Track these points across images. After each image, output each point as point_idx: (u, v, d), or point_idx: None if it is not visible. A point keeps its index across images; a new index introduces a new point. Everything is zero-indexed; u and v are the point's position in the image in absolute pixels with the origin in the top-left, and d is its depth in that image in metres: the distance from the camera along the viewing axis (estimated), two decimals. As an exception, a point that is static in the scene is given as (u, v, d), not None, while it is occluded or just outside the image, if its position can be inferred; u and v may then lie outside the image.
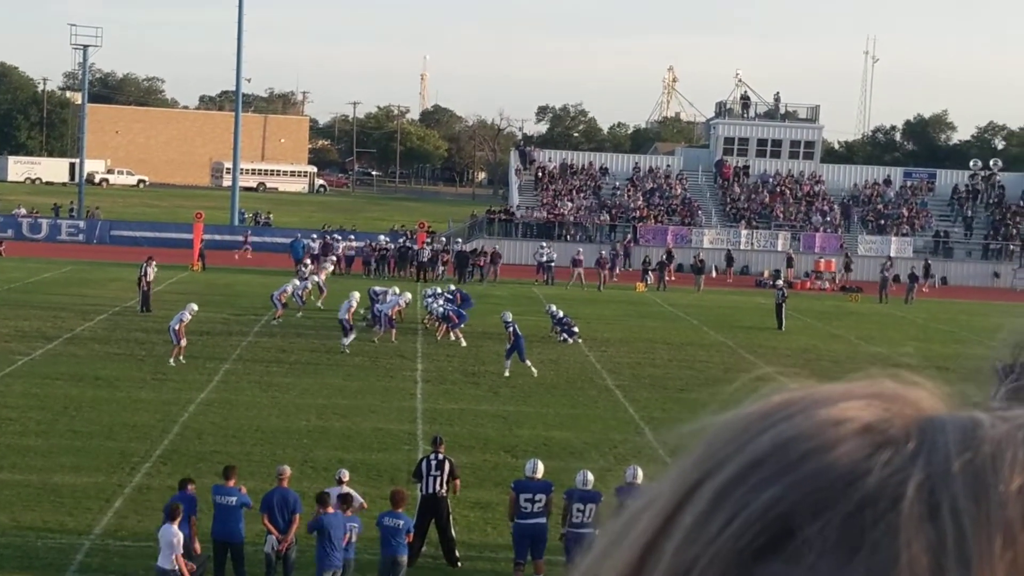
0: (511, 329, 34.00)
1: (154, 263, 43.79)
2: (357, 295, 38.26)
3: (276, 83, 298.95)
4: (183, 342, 32.78)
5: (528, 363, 33.42)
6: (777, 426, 0.83)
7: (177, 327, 32.73)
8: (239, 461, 22.62)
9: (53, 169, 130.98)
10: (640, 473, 18.36)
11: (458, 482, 19.01)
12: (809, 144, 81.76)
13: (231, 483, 17.41)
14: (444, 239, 66.01)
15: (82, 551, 18.21)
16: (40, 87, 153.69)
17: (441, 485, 18.51)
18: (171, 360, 32.47)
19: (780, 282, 48.84)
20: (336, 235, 64.96)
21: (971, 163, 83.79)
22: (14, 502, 20.19)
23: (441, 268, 60.45)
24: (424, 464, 18.82)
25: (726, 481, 0.81)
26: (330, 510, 16.76)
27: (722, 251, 70.01)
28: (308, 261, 54.35)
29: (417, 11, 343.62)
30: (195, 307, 34.98)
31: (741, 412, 0.89)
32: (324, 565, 16.41)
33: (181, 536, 15.93)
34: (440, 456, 18.89)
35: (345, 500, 17.01)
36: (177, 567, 15.79)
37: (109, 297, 45.39)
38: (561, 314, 40.26)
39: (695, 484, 0.82)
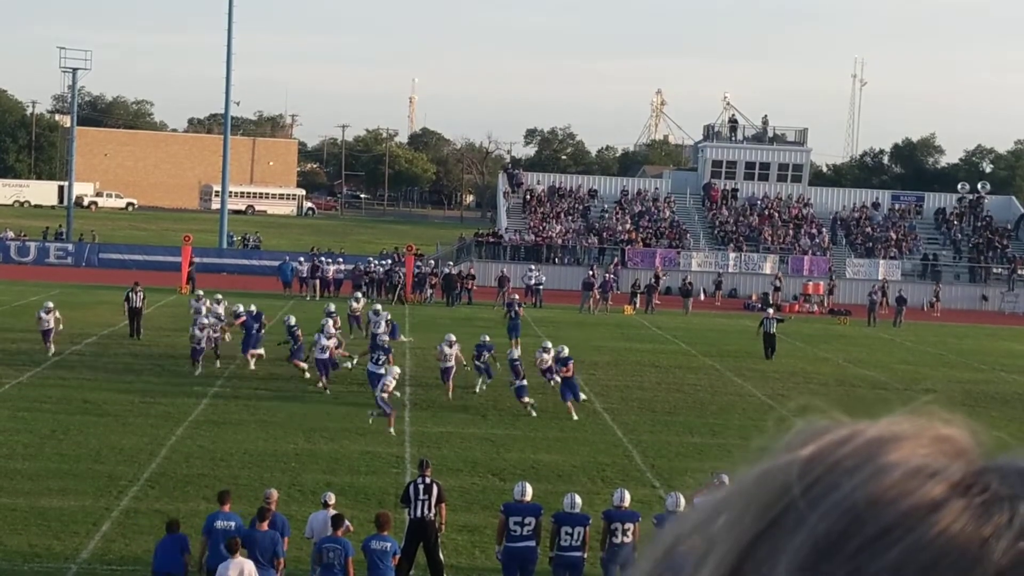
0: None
1: (140, 289, 42.77)
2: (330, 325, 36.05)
3: (265, 106, 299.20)
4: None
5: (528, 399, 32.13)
6: (848, 476, 0.80)
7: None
8: (227, 484, 22.58)
9: (41, 192, 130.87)
10: (627, 496, 18.38)
11: (443, 506, 18.96)
12: (797, 167, 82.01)
13: (226, 508, 17.29)
14: (432, 262, 66.08)
15: (70, 575, 18.15)
16: (29, 110, 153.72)
17: (429, 509, 18.48)
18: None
19: (771, 310, 47.91)
20: (325, 258, 64.96)
21: (959, 186, 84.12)
22: (0, 526, 20.13)
23: (429, 291, 60.49)
24: (412, 488, 18.77)
25: (820, 539, 0.76)
26: (264, 527, 16.75)
27: (711, 274, 70.13)
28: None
29: (406, 35, 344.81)
30: (50, 304, 37.73)
31: (788, 453, 0.85)
32: None
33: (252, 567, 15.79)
34: (428, 480, 18.85)
35: (337, 522, 16.96)
36: None
37: (97, 321, 45.32)
38: (487, 349, 35.49)
39: (754, 539, 0.79)
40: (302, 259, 63.67)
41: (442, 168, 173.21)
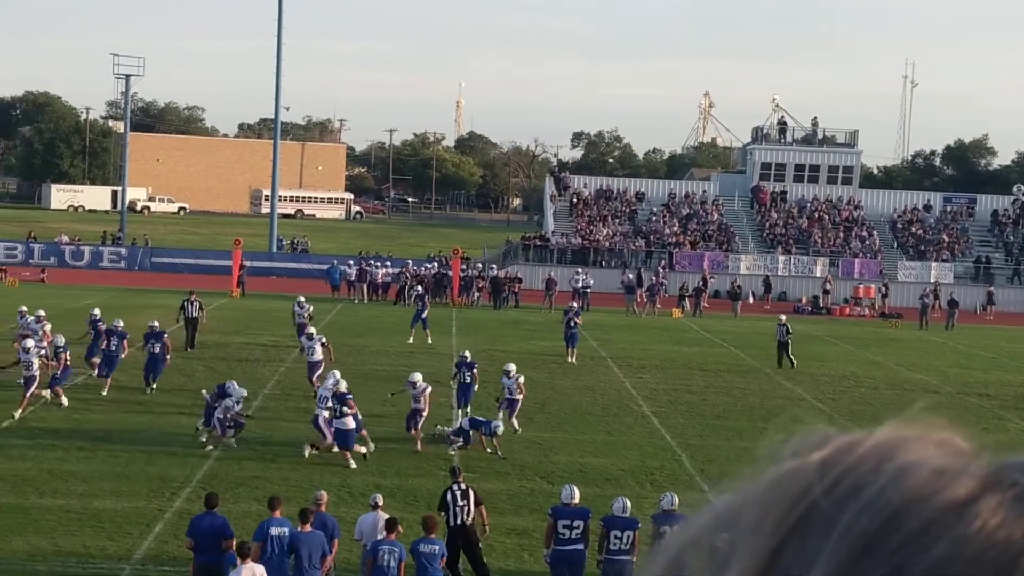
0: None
1: (196, 299, 41.45)
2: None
3: (314, 111, 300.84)
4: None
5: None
6: (873, 476, 0.81)
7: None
8: (277, 486, 22.80)
9: (96, 197, 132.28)
10: (676, 500, 18.38)
11: (483, 508, 19.13)
12: (847, 169, 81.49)
13: (277, 514, 17.39)
14: (479, 265, 66.25)
15: (123, 576, 18.38)
16: (83, 116, 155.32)
17: (468, 514, 18.59)
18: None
19: (783, 316, 45.69)
20: (373, 261, 65.27)
21: (1015, 188, 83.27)
22: (56, 527, 20.41)
23: (476, 294, 60.64)
24: (449, 495, 18.88)
25: (857, 538, 0.78)
26: (307, 528, 16.86)
27: (759, 277, 69.82)
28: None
29: (452, 39, 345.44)
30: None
31: (797, 459, 0.86)
32: None
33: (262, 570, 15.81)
34: (463, 486, 18.97)
35: (391, 525, 17.04)
36: None
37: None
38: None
39: (779, 543, 0.80)
40: (351, 263, 64.01)
41: (489, 172, 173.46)
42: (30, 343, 29.58)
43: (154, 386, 32.41)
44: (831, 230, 76.59)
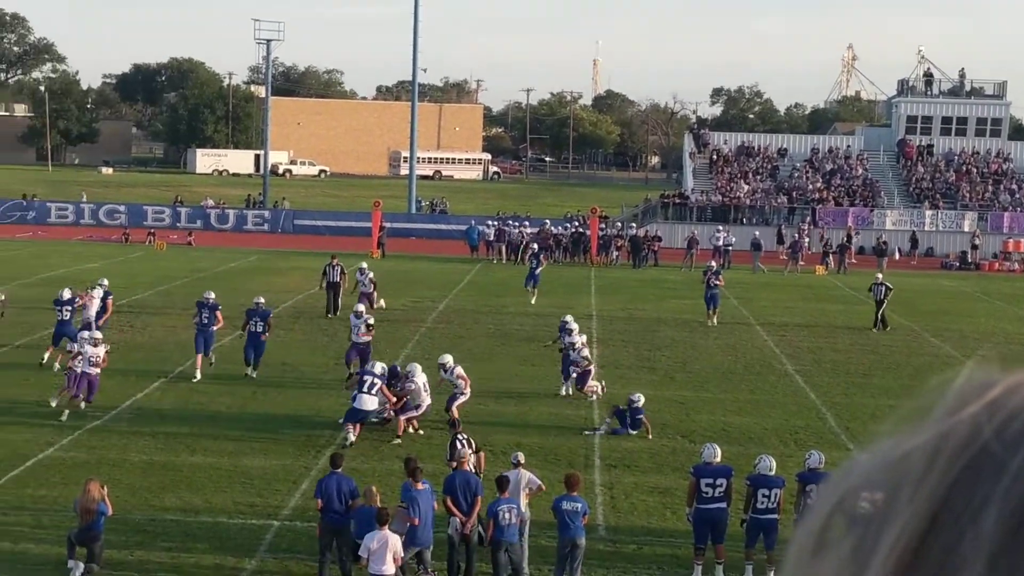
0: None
1: (338, 263, 40.08)
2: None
3: (451, 72, 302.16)
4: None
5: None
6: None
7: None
8: (420, 445, 23.07)
9: (239, 161, 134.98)
10: (823, 459, 18.09)
11: (482, 454, 20.32)
12: (996, 121, 79.15)
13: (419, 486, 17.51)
14: (618, 224, 65.91)
15: (271, 532, 18.77)
16: (226, 82, 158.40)
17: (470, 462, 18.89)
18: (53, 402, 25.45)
19: (879, 275, 42.38)
20: (511, 221, 65.40)
21: None
22: (206, 484, 20.93)
23: (615, 253, 60.40)
24: (457, 443, 19.74)
25: None
26: (419, 487, 16.92)
27: (906, 232, 68.27)
28: None
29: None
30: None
31: (962, 404, 0.83)
32: (412, 541, 16.60)
33: (398, 540, 15.87)
34: (464, 436, 20.38)
35: (501, 484, 17.14)
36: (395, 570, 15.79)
37: (293, 285, 46.52)
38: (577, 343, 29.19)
39: (948, 489, 0.78)
40: (489, 223, 64.23)
41: (626, 130, 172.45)
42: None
43: (255, 372, 29.37)
44: (979, 184, 74.49)
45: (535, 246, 52.76)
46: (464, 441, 19.85)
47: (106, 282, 35.37)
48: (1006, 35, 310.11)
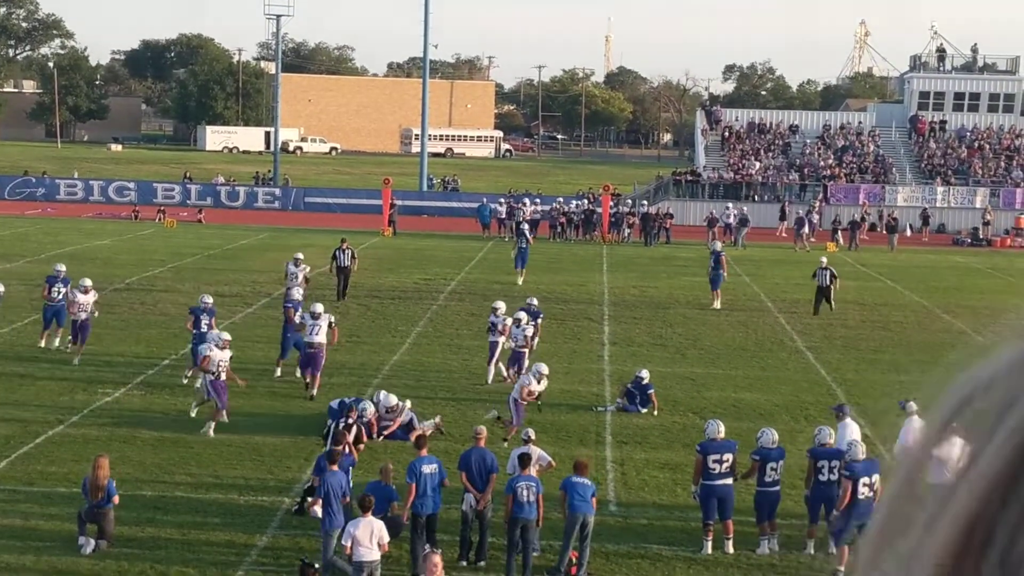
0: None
1: (348, 247, 38.94)
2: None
3: (462, 49, 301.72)
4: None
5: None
6: None
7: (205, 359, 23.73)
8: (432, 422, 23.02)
9: (249, 138, 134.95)
10: (832, 434, 18.06)
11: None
12: (1009, 97, 78.74)
13: (423, 452, 17.50)
14: (630, 201, 65.79)
15: (282, 508, 18.79)
16: (235, 58, 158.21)
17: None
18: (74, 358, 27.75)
19: (824, 259, 39.78)
20: (523, 199, 65.30)
21: None
22: (216, 460, 20.96)
23: (627, 230, 60.28)
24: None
25: None
26: (334, 468, 16.77)
27: (917, 209, 68.03)
28: None
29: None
30: (225, 336, 24.54)
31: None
32: (327, 524, 16.39)
33: (382, 525, 15.70)
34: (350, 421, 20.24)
35: (524, 461, 17.09)
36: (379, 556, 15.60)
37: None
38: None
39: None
40: (501, 200, 64.13)
41: (639, 107, 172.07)
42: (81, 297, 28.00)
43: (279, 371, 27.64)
44: (992, 160, 74.15)
45: (525, 225, 49.67)
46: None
47: (62, 268, 31.46)
48: (1019, 10, 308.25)
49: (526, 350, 26.94)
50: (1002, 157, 74.46)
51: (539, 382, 23.35)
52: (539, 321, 28.74)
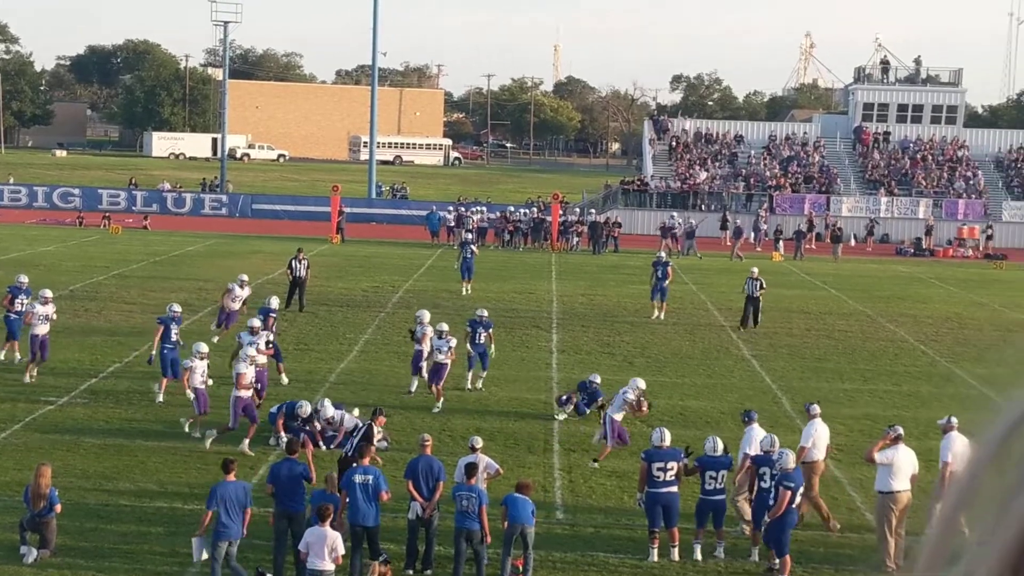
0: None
1: (304, 256, 38.09)
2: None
3: (411, 57, 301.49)
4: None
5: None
6: None
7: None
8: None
9: (196, 144, 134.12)
10: (778, 442, 18.21)
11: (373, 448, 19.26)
12: (952, 109, 79.73)
13: (365, 462, 17.33)
14: (578, 210, 65.99)
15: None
16: (182, 64, 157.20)
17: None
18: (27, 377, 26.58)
19: (755, 270, 38.06)
20: (472, 207, 65.31)
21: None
22: (161, 468, 20.81)
23: (575, 239, 60.47)
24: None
25: None
26: (230, 478, 16.69)
27: (862, 219, 68.73)
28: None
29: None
30: (204, 348, 24.21)
31: None
32: (220, 535, 16.21)
33: (338, 536, 15.54)
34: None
35: (469, 470, 17.07)
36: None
37: (251, 269, 46.22)
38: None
39: None
40: (449, 208, 64.12)
41: (587, 116, 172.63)
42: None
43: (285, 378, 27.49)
44: (935, 171, 75.04)
45: (468, 235, 49.24)
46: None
47: (25, 279, 30.23)
48: (962, 23, 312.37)
49: (448, 363, 25.73)
50: (945, 168, 75.35)
51: (637, 395, 22.51)
52: (490, 331, 28.61)
